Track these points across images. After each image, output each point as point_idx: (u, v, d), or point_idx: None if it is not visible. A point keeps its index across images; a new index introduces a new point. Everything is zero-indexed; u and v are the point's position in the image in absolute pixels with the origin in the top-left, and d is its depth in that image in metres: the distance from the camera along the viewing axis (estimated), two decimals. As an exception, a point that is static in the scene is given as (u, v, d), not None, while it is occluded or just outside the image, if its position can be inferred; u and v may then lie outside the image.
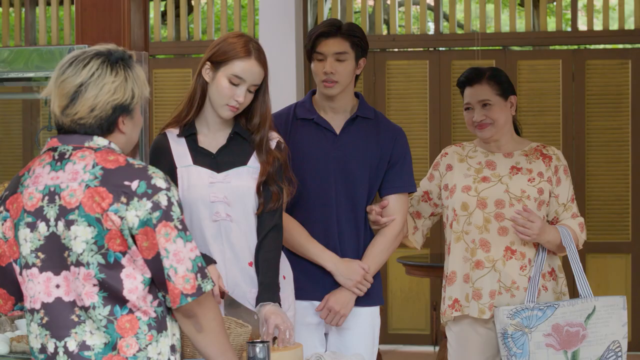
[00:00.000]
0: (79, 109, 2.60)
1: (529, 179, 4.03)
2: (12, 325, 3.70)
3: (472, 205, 4.02)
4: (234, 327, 3.32)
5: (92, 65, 2.61)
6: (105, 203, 2.54)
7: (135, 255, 2.57)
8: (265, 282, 3.56)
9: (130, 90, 2.64)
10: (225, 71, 3.53)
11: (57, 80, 2.63)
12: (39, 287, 2.60)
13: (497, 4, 8.25)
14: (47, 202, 2.58)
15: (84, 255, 2.55)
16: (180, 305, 2.58)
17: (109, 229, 2.54)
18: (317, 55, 3.92)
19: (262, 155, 3.60)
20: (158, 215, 2.55)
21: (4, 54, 3.45)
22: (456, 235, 4.05)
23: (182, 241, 2.57)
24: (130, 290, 2.57)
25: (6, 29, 9.01)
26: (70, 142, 2.62)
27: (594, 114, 7.94)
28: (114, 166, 2.58)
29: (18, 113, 8.62)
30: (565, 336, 3.88)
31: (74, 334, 2.58)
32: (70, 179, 2.57)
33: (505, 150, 4.10)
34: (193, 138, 3.64)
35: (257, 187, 3.58)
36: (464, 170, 4.08)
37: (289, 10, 7.98)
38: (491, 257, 3.99)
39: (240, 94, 3.52)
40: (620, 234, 7.92)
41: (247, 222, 3.60)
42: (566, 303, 3.89)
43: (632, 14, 8.85)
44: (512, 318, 3.86)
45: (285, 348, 3.40)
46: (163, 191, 2.57)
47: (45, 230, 2.58)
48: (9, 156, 8.69)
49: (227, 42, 3.56)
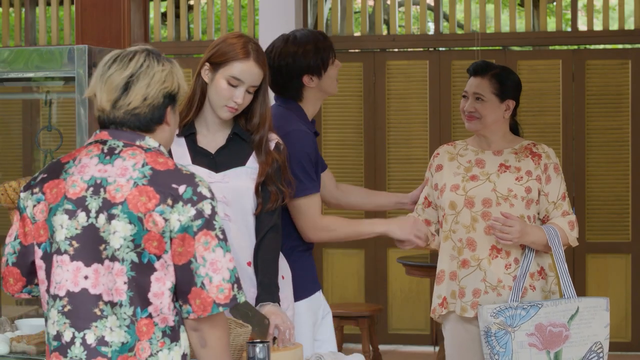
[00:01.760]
0: (132, 98, 2.63)
1: (517, 178, 4.03)
2: (12, 325, 3.71)
3: (459, 204, 4.04)
4: (234, 327, 3.32)
5: (138, 58, 2.66)
6: (152, 203, 2.56)
7: (169, 261, 2.58)
8: (264, 282, 3.57)
9: (177, 80, 2.71)
10: (224, 72, 3.53)
11: (103, 77, 2.66)
12: (67, 275, 2.61)
13: (497, 4, 8.25)
14: (92, 193, 2.59)
15: (120, 251, 2.56)
16: (211, 314, 2.58)
17: (149, 229, 2.55)
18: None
19: (262, 155, 3.60)
20: (200, 224, 2.56)
21: (4, 54, 3.45)
22: (445, 235, 4.08)
23: (222, 251, 2.58)
24: (155, 294, 2.57)
25: (6, 29, 9.01)
26: (122, 138, 2.64)
27: (594, 114, 7.95)
28: (164, 168, 2.60)
29: (18, 113, 8.62)
30: (548, 336, 3.89)
31: (94, 327, 2.59)
32: (118, 174, 2.59)
33: (495, 148, 4.11)
34: (192, 138, 3.64)
35: (256, 187, 3.58)
36: (454, 168, 4.10)
37: (289, 10, 7.98)
38: (477, 256, 4.01)
39: (239, 95, 3.52)
40: (620, 234, 7.92)
41: (246, 222, 3.60)
42: (550, 303, 3.90)
43: (632, 14, 8.86)
44: (496, 317, 3.87)
45: (285, 348, 3.40)
46: (208, 200, 2.59)
47: (85, 221, 2.59)
48: (9, 156, 8.70)
49: (226, 42, 3.57)
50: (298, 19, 8.08)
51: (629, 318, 7.88)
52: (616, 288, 7.87)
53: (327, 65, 3.93)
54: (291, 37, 3.94)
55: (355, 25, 10.69)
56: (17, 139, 8.65)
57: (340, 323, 7.04)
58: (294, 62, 3.89)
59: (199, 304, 2.57)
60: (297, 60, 3.90)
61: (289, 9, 7.97)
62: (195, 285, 2.56)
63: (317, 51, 3.92)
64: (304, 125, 3.89)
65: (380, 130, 8.20)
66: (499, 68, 4.15)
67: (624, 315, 7.85)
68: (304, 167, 3.83)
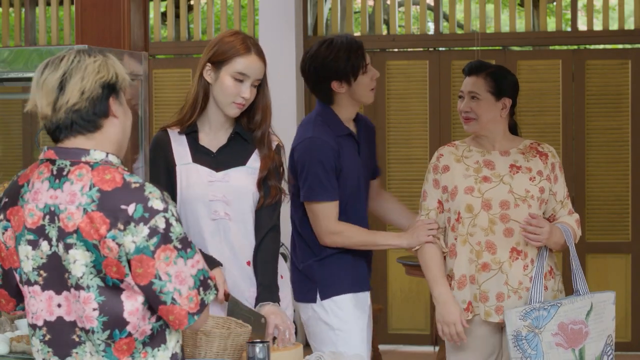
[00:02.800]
0: (69, 95, 2.55)
1: (530, 178, 4.00)
2: (12, 325, 3.70)
3: (476, 206, 3.97)
4: (234, 327, 3.32)
5: (68, 57, 2.59)
6: (103, 229, 2.49)
7: (132, 282, 2.53)
8: (264, 282, 3.58)
9: (112, 69, 2.60)
10: (228, 69, 3.55)
11: (38, 84, 2.59)
12: (41, 305, 2.59)
13: (497, 4, 8.25)
14: (48, 221, 2.55)
15: (83, 279, 2.52)
16: (189, 325, 2.54)
17: (106, 255, 2.50)
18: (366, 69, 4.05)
19: (264, 149, 3.62)
20: (156, 242, 2.49)
21: (4, 54, 3.45)
22: (462, 238, 3.99)
23: (182, 260, 2.52)
24: (130, 312, 2.54)
25: (6, 29, 9.01)
26: (67, 157, 2.57)
27: (593, 114, 7.94)
28: (111, 187, 2.52)
29: (18, 113, 8.62)
30: (570, 334, 3.87)
31: (75, 354, 2.57)
32: (68, 201, 2.53)
33: (500, 149, 4.06)
34: (194, 136, 3.65)
35: (259, 181, 3.60)
36: (462, 170, 4.03)
37: (289, 10, 7.98)
38: (497, 259, 3.95)
39: (246, 90, 3.55)
40: (620, 234, 7.92)
41: (245, 221, 3.61)
42: (567, 301, 3.88)
43: (632, 14, 8.85)
44: (524, 319, 3.82)
45: (285, 348, 3.40)
46: (160, 213, 2.51)
47: (48, 249, 2.55)
48: (9, 156, 8.70)
49: (224, 41, 3.58)
50: (298, 19, 8.08)
51: (629, 318, 7.88)
52: (616, 288, 7.86)
53: (357, 73, 3.98)
54: (327, 41, 4.03)
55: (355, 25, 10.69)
56: (17, 139, 8.65)
57: (340, 323, 7.04)
58: (323, 66, 3.96)
59: (174, 320, 2.54)
60: (326, 65, 3.97)
61: (289, 9, 7.97)
62: (165, 304, 2.51)
63: (348, 58, 3.97)
64: (326, 133, 3.97)
65: (380, 130, 8.19)
66: (494, 67, 4.11)
67: (624, 315, 7.84)
68: (317, 174, 3.91)
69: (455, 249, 4.02)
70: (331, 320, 3.99)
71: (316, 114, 4.05)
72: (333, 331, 3.98)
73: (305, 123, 4.07)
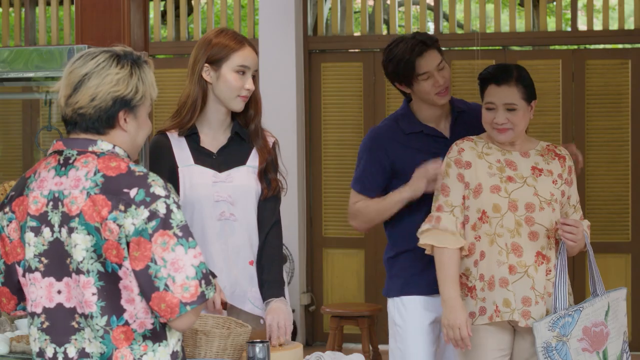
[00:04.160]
0: (79, 97, 2.59)
1: (553, 181, 3.90)
2: (12, 325, 3.71)
3: (503, 207, 3.84)
4: (234, 327, 3.32)
5: (99, 58, 2.62)
6: (105, 211, 2.51)
7: (130, 267, 2.53)
8: (270, 279, 3.61)
9: (134, 85, 2.61)
10: (229, 65, 3.61)
11: (66, 71, 2.63)
12: (41, 292, 2.60)
13: (497, 3, 8.25)
14: (52, 207, 2.57)
15: (84, 263, 2.54)
16: (180, 314, 2.52)
17: (106, 238, 2.51)
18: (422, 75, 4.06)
19: (259, 141, 3.67)
20: (154, 225, 2.51)
21: (4, 54, 3.45)
22: (489, 238, 3.84)
23: (182, 249, 2.51)
24: (127, 300, 2.54)
25: (6, 29, 9.01)
26: (75, 147, 2.61)
27: (594, 114, 7.94)
28: (115, 173, 2.55)
29: (18, 113, 8.63)
30: (593, 337, 3.80)
31: (74, 341, 2.58)
32: (72, 185, 2.56)
33: (520, 149, 3.95)
34: (194, 138, 3.66)
35: (259, 173, 3.64)
36: (485, 168, 3.88)
37: (289, 10, 7.99)
38: (523, 263, 3.83)
39: (249, 81, 3.61)
40: (620, 234, 7.92)
41: (248, 221, 3.63)
42: (587, 304, 3.81)
43: (632, 14, 8.85)
44: (553, 329, 3.74)
45: (285, 348, 3.40)
46: (162, 199, 2.53)
47: (50, 236, 2.57)
48: (9, 156, 8.70)
49: (214, 42, 3.64)
50: (298, 19, 8.08)
51: (629, 318, 7.88)
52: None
53: (411, 79, 4.02)
54: (394, 43, 4.13)
55: (355, 25, 10.68)
56: (17, 139, 8.65)
57: (340, 323, 7.05)
58: (386, 69, 4.14)
59: (165, 308, 2.52)
60: (386, 68, 4.14)
61: (289, 9, 7.98)
62: (158, 290, 2.51)
63: (399, 63, 4.04)
64: (390, 128, 4.10)
65: (380, 130, 8.20)
66: (515, 70, 3.93)
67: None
68: (359, 164, 4.13)
69: (474, 247, 3.88)
70: (395, 317, 4.33)
71: (399, 108, 4.19)
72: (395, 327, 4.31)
73: (386, 119, 4.23)
